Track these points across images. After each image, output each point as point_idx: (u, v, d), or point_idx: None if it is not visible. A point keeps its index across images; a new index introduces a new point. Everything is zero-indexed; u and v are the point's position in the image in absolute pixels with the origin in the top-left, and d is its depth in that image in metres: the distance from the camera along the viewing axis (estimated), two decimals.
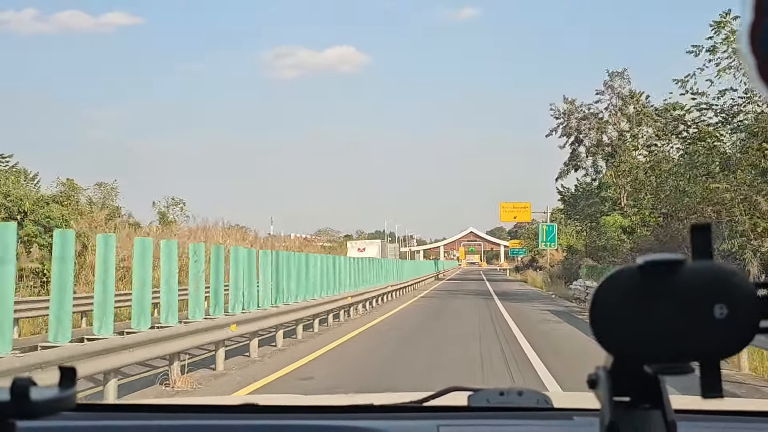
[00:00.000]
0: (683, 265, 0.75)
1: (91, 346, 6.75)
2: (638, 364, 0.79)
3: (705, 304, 0.73)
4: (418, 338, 14.23)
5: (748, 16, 0.52)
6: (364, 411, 1.37)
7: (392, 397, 1.66)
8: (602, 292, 0.76)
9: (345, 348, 12.90)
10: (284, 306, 13.18)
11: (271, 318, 12.19)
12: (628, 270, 0.76)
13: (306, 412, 1.45)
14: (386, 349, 12.65)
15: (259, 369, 10.24)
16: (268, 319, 12.02)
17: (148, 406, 1.52)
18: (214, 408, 1.50)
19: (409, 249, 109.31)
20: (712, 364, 0.76)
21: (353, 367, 10.65)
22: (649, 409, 0.82)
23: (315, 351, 12.16)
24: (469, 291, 35.70)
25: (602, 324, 0.76)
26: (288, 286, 13.77)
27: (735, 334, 0.73)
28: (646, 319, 0.74)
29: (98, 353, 6.75)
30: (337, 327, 16.63)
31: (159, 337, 8.15)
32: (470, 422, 1.31)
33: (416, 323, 17.68)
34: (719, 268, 0.75)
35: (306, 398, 2.03)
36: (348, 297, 18.61)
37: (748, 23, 0.53)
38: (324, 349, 12.54)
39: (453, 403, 1.44)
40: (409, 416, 1.35)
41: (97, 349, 6.75)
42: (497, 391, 1.41)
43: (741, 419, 1.36)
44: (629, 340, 0.76)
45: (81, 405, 1.29)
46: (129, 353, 7.42)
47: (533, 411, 1.37)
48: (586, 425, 1.05)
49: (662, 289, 0.74)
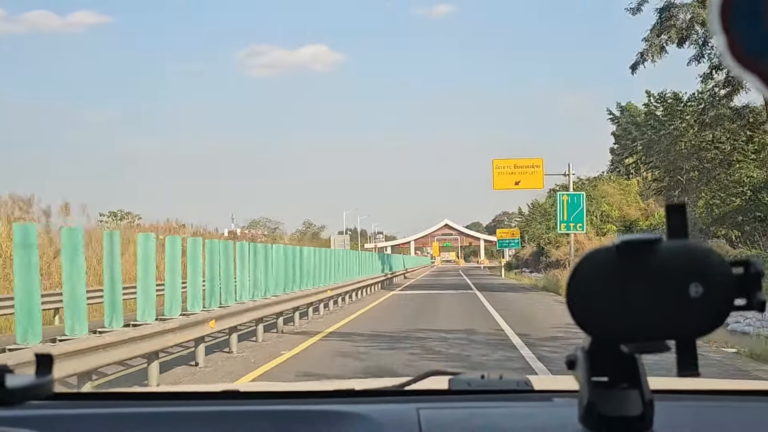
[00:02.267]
0: (659, 245, 0.76)
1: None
2: (615, 343, 0.80)
3: (680, 282, 0.74)
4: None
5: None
6: (345, 396, 1.38)
7: (373, 382, 1.67)
8: (579, 272, 0.77)
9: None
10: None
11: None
12: (604, 250, 0.77)
13: (287, 397, 1.45)
14: None
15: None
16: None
17: (127, 393, 1.50)
18: (193, 395, 1.49)
19: (375, 245, 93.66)
20: (688, 343, 0.77)
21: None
22: (627, 388, 0.83)
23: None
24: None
25: (579, 305, 0.77)
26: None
27: (710, 313, 0.74)
28: (622, 298, 0.75)
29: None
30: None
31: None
32: (450, 405, 1.32)
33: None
34: (694, 247, 0.76)
35: (287, 384, 2.03)
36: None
37: (718, 1, 0.54)
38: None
39: (434, 386, 1.45)
40: (390, 400, 1.36)
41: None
42: (478, 374, 1.42)
43: (717, 398, 1.38)
44: (606, 320, 0.76)
45: (58, 393, 1.27)
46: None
47: (513, 393, 1.38)
48: (566, 406, 1.06)
49: (638, 268, 0.75)
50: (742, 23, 0.53)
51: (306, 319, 16.46)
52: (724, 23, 0.53)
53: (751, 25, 0.53)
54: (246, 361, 10.48)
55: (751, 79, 0.53)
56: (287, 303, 14.71)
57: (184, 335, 9.39)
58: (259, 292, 13.51)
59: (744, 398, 1.44)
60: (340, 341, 12.43)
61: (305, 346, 11.99)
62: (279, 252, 15.15)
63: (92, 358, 7.05)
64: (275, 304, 13.76)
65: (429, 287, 33.27)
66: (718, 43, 0.54)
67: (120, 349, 7.63)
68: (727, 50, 0.54)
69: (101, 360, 7.27)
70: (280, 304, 14.03)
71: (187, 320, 9.49)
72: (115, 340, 7.54)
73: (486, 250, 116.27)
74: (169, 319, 9.19)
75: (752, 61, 0.53)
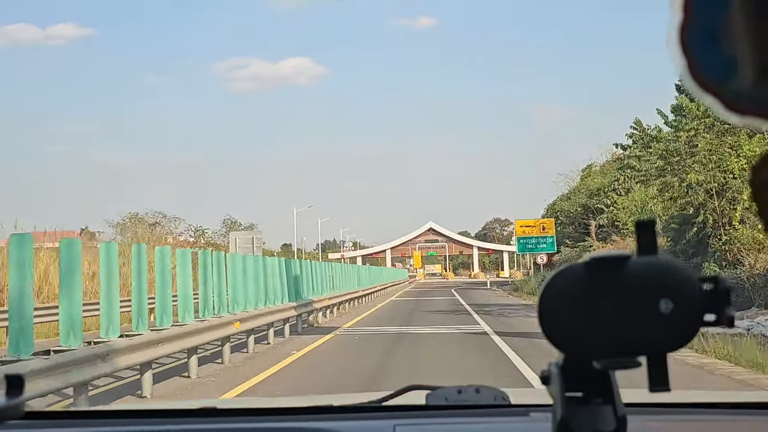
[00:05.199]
0: (628, 261, 0.76)
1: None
2: (587, 360, 0.80)
3: (650, 299, 0.75)
4: None
5: (675, 16, 0.54)
6: (323, 412, 1.38)
7: (352, 397, 1.66)
8: (549, 289, 0.78)
9: None
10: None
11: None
12: (574, 267, 0.78)
13: (265, 414, 1.45)
14: None
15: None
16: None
17: (101, 412, 1.49)
18: (171, 413, 1.48)
19: (342, 255, 78.63)
20: (659, 359, 0.77)
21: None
22: (601, 404, 0.83)
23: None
24: None
25: (550, 321, 0.77)
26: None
27: (680, 328, 0.75)
28: (593, 315, 0.76)
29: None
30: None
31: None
32: (427, 421, 1.32)
33: None
34: (664, 263, 0.76)
35: (265, 400, 2.02)
36: None
37: (677, 23, 0.54)
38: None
39: (412, 402, 1.44)
40: (367, 416, 1.36)
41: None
42: (455, 389, 1.42)
43: (690, 411, 1.39)
44: (577, 337, 0.77)
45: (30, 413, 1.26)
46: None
47: (490, 408, 1.38)
48: (542, 420, 1.07)
49: (608, 285, 0.76)
50: (700, 47, 0.53)
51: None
52: (683, 46, 0.54)
53: (710, 49, 0.53)
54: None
55: (712, 103, 0.54)
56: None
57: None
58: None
59: (715, 411, 1.44)
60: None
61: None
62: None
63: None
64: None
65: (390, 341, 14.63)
66: (678, 66, 0.54)
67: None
68: (687, 74, 0.54)
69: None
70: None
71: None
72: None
73: (480, 260, 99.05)
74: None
75: (713, 85, 0.54)
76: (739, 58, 0.51)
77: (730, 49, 0.52)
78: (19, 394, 0.75)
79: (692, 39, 0.54)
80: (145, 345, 8.38)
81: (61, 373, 6.46)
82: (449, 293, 35.94)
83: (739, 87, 0.52)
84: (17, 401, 0.75)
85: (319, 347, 14.03)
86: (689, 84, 0.54)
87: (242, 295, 13.09)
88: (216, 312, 11.62)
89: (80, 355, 6.89)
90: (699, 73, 0.54)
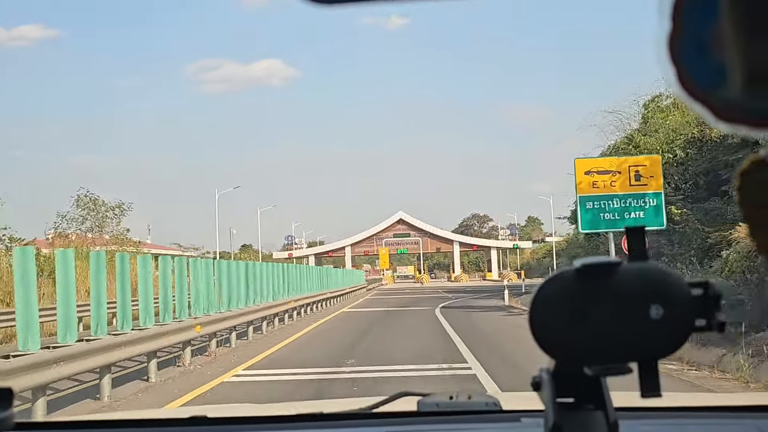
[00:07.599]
0: (619, 267, 0.76)
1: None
2: (578, 366, 0.80)
3: (641, 305, 0.75)
4: None
5: (665, 25, 0.53)
6: (314, 419, 1.37)
7: (343, 404, 1.65)
8: (541, 296, 0.77)
9: None
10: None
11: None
12: (565, 273, 0.78)
13: (255, 422, 1.43)
14: None
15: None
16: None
17: (89, 422, 1.47)
18: (161, 422, 1.46)
19: (290, 254, 67.37)
20: (650, 365, 0.77)
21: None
22: (593, 410, 0.83)
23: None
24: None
25: (541, 327, 0.77)
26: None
27: (671, 334, 0.75)
28: (584, 321, 0.76)
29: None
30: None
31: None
32: (418, 428, 1.32)
33: None
34: (654, 269, 0.77)
35: (256, 407, 2.01)
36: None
37: (666, 32, 0.54)
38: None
39: (403, 408, 1.43)
40: (358, 423, 1.35)
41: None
42: (447, 396, 1.41)
43: (681, 415, 1.40)
44: (568, 343, 0.77)
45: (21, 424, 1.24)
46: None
47: (482, 414, 1.37)
48: (533, 426, 1.07)
49: (599, 291, 0.76)
50: (690, 55, 0.53)
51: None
52: (672, 55, 0.54)
53: (700, 58, 0.53)
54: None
55: (701, 111, 0.54)
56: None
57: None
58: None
59: (707, 414, 1.46)
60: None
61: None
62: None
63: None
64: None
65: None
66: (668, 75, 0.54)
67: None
68: (677, 83, 0.54)
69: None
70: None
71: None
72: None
73: (461, 259, 78.69)
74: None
75: (703, 93, 0.54)
76: (728, 66, 0.51)
77: (719, 58, 0.52)
78: (8, 406, 0.74)
79: (681, 48, 0.53)
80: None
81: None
82: (432, 320, 20.18)
83: (728, 95, 0.52)
84: (7, 414, 0.74)
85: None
86: (679, 92, 0.54)
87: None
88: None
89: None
90: (688, 82, 0.54)
